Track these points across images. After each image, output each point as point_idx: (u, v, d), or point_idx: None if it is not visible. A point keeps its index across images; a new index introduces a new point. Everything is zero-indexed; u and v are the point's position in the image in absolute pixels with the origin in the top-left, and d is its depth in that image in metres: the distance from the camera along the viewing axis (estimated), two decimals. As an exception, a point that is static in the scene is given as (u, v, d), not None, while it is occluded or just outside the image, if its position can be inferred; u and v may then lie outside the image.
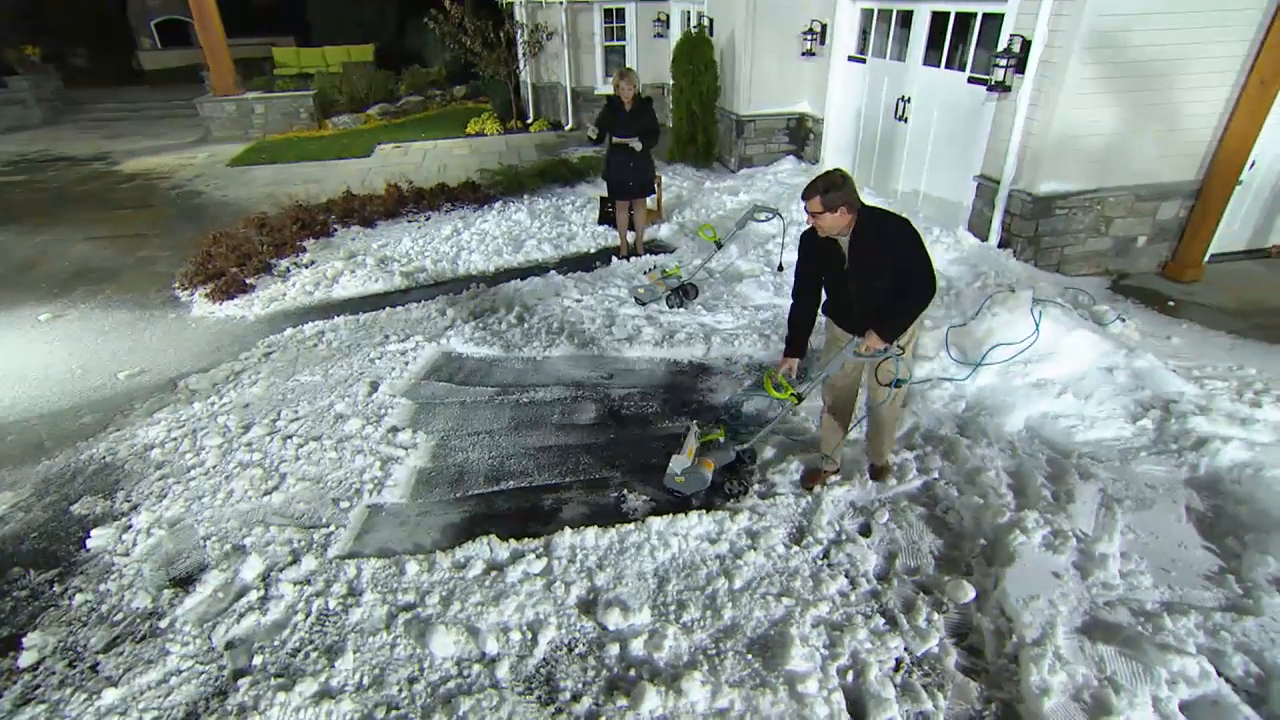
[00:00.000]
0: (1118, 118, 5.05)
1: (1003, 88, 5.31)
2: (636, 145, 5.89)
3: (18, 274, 6.83)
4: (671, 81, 9.27)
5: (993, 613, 2.75)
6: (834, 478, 3.54)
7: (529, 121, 13.07)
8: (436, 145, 11.97)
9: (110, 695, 2.62)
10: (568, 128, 12.63)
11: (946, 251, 5.31)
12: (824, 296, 3.18)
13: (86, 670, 2.75)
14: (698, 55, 8.60)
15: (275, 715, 2.53)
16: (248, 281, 6.38)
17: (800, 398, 3.22)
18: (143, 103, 17.83)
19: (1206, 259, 5.59)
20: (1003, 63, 5.20)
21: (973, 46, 5.86)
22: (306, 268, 6.76)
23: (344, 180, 9.46)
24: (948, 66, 6.19)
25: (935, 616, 2.78)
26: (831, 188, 2.74)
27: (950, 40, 6.13)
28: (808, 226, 2.98)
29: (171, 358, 5.26)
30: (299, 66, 16.55)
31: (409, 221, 8.02)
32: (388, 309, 5.84)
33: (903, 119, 6.85)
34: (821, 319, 3.29)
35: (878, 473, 3.54)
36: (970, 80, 5.86)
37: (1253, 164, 5.39)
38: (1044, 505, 3.19)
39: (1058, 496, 3.25)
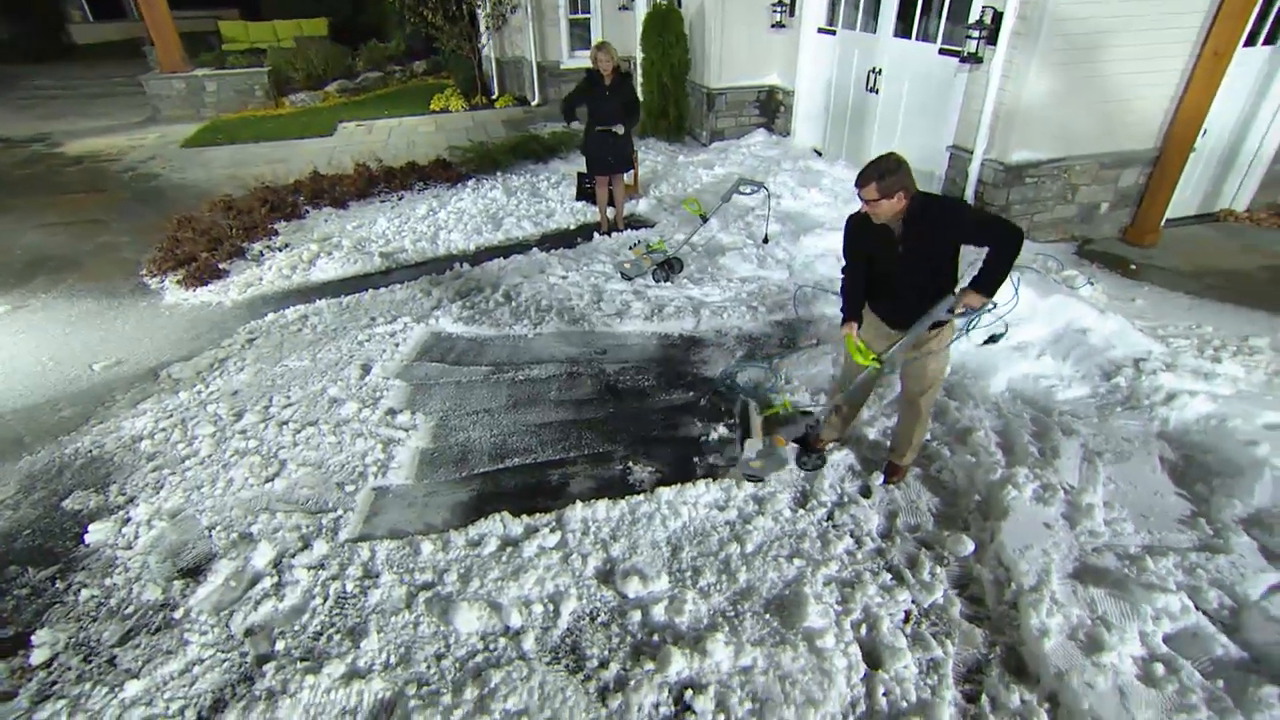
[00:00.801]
0: (1084, 88, 5.18)
1: (975, 59, 5.39)
2: (620, 130, 5.82)
3: (-32, 264, 6.46)
4: (641, 55, 9.15)
5: (991, 563, 2.90)
6: (831, 445, 3.63)
7: (494, 97, 12.76)
8: (401, 123, 11.62)
9: (133, 687, 2.57)
10: (534, 103, 12.38)
11: (925, 221, 5.41)
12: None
13: (104, 664, 2.69)
14: (668, 28, 8.50)
15: (306, 698, 2.52)
16: (220, 266, 6.15)
17: (883, 362, 3.00)
18: (78, 80, 16.81)
19: (1163, 224, 5.83)
20: (975, 35, 5.27)
21: (943, 18, 5.92)
22: (280, 251, 6.55)
23: (308, 160, 9.16)
24: (919, 38, 6.25)
25: (938, 570, 2.92)
26: (887, 173, 2.63)
27: (920, 12, 6.18)
28: (853, 211, 2.91)
29: (148, 346, 5.07)
30: (248, 41, 15.75)
31: (382, 201, 7.82)
32: (370, 291, 5.71)
33: (874, 90, 6.91)
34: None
35: (893, 472, 3.41)
36: (941, 52, 5.92)
37: (1205, 132, 5.61)
38: (1032, 461, 3.34)
39: (1044, 452, 3.41)
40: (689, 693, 2.43)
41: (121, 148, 10.58)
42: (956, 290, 2.86)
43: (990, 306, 2.81)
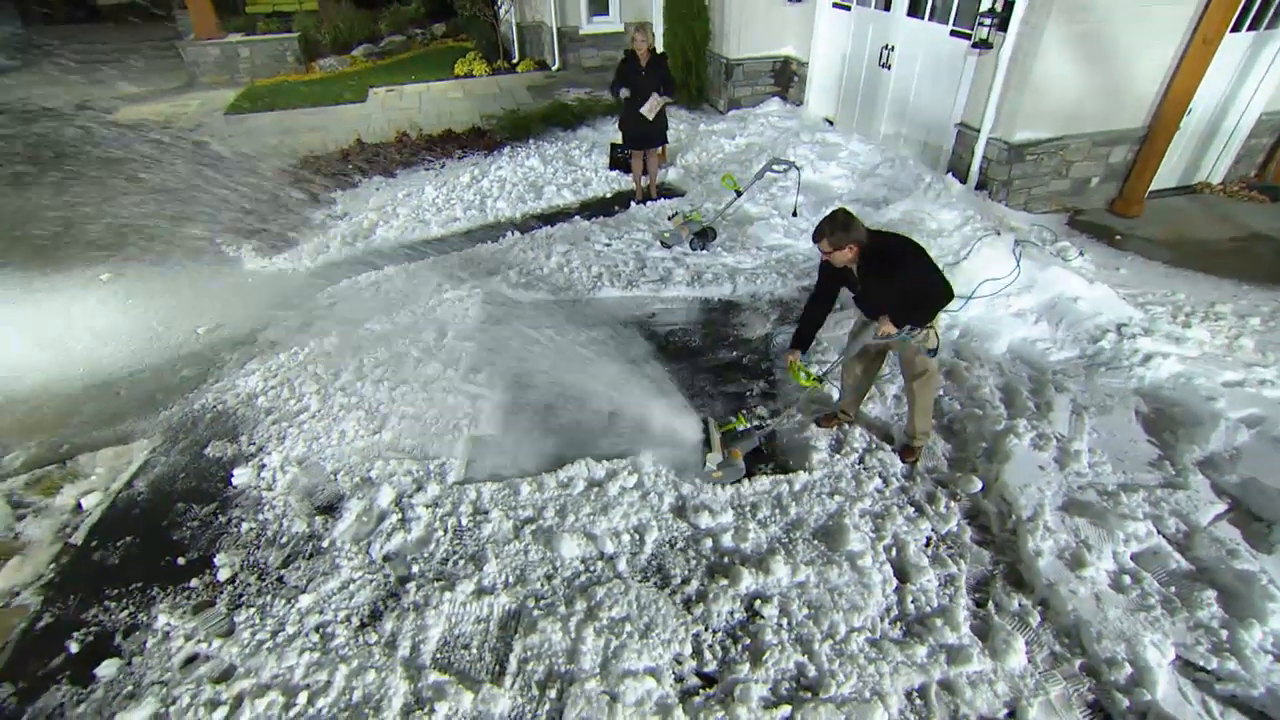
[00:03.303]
0: (1083, 73, 5.33)
1: (985, 45, 5.51)
2: (651, 114, 5.94)
3: (59, 235, 6.63)
4: (664, 27, 9.08)
5: (996, 498, 3.31)
6: (848, 424, 3.81)
7: (515, 62, 12.56)
8: (429, 88, 11.50)
9: (305, 599, 2.98)
10: (554, 67, 12.21)
11: (937, 198, 5.64)
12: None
13: (275, 582, 3.10)
14: (691, 1, 8.42)
15: (446, 609, 2.93)
16: (290, 235, 6.37)
17: (821, 381, 3.35)
18: (108, 44, 16.39)
19: (1146, 196, 6.05)
20: (986, 22, 5.38)
21: (955, 1, 5.98)
22: (341, 219, 6.75)
23: (348, 127, 9.18)
24: (931, 19, 6.31)
25: (952, 504, 3.33)
26: (836, 230, 2.94)
27: (934, -7, 6.23)
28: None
29: (240, 311, 5.32)
30: (271, 4, 15.28)
31: (426, 169, 7.93)
32: (432, 257, 5.94)
33: (886, 66, 6.98)
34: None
35: (906, 453, 3.61)
36: (953, 33, 6.01)
37: (1190, 111, 5.78)
38: (1029, 414, 3.71)
39: (1039, 406, 3.78)
40: (757, 602, 2.87)
41: (167, 115, 10.51)
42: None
43: (909, 335, 3.11)
